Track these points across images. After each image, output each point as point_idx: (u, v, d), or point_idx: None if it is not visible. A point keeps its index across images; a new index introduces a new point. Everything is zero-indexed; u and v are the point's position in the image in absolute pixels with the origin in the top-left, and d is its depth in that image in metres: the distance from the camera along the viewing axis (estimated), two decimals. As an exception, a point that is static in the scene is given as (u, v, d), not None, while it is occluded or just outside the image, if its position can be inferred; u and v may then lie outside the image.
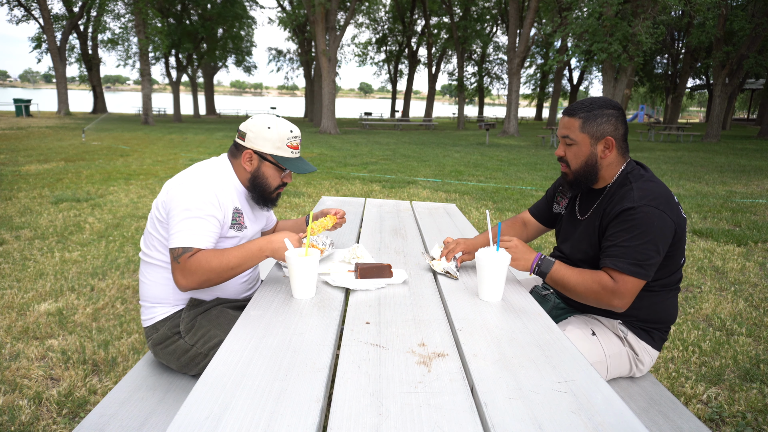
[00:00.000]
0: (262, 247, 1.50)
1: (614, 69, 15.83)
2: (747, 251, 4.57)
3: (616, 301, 1.48)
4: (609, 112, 1.55)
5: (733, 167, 10.99)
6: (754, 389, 2.32)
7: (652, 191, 1.48)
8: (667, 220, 1.44)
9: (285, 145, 1.62)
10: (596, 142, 1.56)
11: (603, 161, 1.58)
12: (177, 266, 1.45)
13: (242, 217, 1.63)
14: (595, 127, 1.55)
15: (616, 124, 1.55)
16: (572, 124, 1.58)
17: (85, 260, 3.91)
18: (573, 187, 1.67)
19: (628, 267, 1.44)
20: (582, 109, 1.57)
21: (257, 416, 0.86)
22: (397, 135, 20.79)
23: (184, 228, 1.45)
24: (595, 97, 1.59)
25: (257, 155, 1.62)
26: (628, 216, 1.46)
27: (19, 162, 8.98)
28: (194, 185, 1.50)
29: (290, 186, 7.48)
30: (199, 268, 1.44)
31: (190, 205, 1.47)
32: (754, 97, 41.01)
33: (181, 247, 1.44)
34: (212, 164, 1.63)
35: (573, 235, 1.70)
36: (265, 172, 1.64)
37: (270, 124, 1.60)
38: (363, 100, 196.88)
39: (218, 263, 1.47)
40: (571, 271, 1.55)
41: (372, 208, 2.70)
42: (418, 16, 33.18)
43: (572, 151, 1.60)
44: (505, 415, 0.89)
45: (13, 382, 2.24)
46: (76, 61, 30.18)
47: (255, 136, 1.60)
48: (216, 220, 1.51)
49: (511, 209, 6.23)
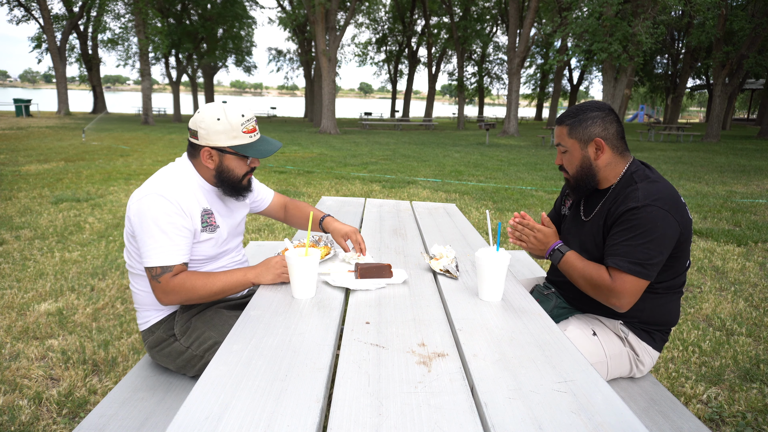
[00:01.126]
0: (249, 279, 1.51)
1: (614, 69, 15.83)
2: (747, 251, 4.57)
3: (613, 299, 1.48)
4: (594, 114, 1.56)
5: (733, 167, 10.99)
6: (754, 389, 2.32)
7: (658, 191, 1.47)
8: (671, 221, 1.43)
9: (240, 132, 1.52)
10: (585, 146, 1.58)
11: (598, 163, 1.59)
12: (158, 285, 1.43)
13: (212, 216, 1.57)
14: (582, 131, 1.57)
15: (604, 125, 1.56)
16: (562, 132, 1.62)
17: (85, 260, 3.91)
18: (576, 191, 1.68)
19: (628, 266, 1.44)
20: (568, 116, 1.60)
21: (257, 416, 0.86)
22: (397, 135, 20.78)
23: (156, 246, 1.42)
24: (584, 102, 1.62)
25: (216, 150, 1.52)
26: (632, 215, 1.46)
27: (19, 162, 8.98)
28: (156, 198, 1.44)
29: (290, 186, 7.47)
30: (182, 289, 1.44)
31: (157, 221, 1.42)
32: (754, 97, 41.01)
33: (159, 267, 1.42)
34: (173, 169, 1.56)
35: (578, 237, 1.69)
36: (229, 165, 1.55)
37: (218, 115, 1.50)
38: (363, 100, 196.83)
39: (202, 287, 1.46)
40: (580, 261, 1.58)
41: (372, 208, 2.70)
42: (418, 16, 33.18)
43: (566, 158, 1.64)
44: (505, 415, 0.89)
45: (13, 382, 2.24)
46: (76, 61, 30.18)
47: (207, 132, 1.50)
48: (186, 230, 1.47)
49: (511, 209, 6.23)
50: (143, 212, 1.43)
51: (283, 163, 10.34)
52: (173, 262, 1.43)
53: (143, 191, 1.47)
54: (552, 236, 1.68)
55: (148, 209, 1.43)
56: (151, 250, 1.42)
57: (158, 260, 1.42)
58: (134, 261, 1.57)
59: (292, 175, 8.66)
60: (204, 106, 1.56)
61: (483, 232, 4.84)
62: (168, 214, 1.44)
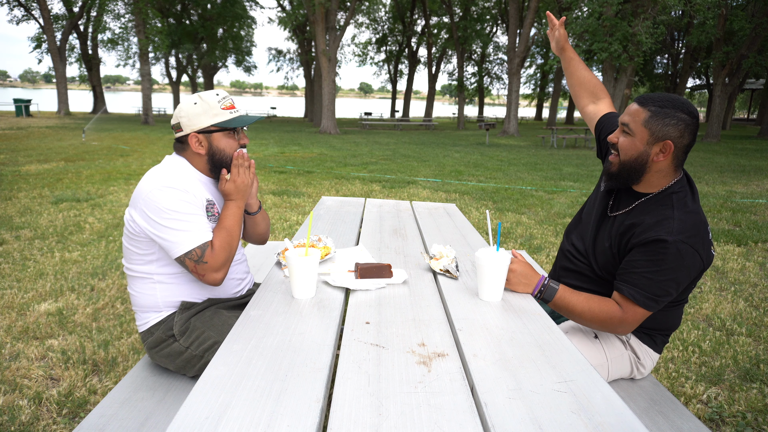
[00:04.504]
0: (238, 204, 1.58)
1: (614, 69, 15.84)
2: (747, 251, 4.57)
3: (620, 329, 1.46)
4: (681, 116, 1.38)
5: (733, 167, 10.99)
6: (754, 389, 2.32)
7: (693, 226, 1.38)
8: (697, 260, 1.37)
9: (220, 109, 1.55)
10: (654, 142, 1.41)
11: (654, 165, 1.44)
12: (206, 266, 1.45)
13: (215, 207, 1.60)
14: (660, 126, 1.39)
15: (684, 132, 1.39)
16: (638, 114, 1.43)
17: (85, 260, 3.91)
18: (613, 179, 1.53)
19: (644, 300, 1.39)
20: (654, 103, 1.41)
21: (257, 416, 0.86)
22: (397, 135, 20.78)
23: (185, 230, 1.44)
24: (676, 96, 1.43)
25: (203, 134, 1.56)
26: (661, 248, 1.36)
27: (19, 162, 8.98)
28: (166, 190, 1.45)
29: (290, 186, 7.47)
30: (224, 253, 1.48)
31: (176, 207, 1.44)
32: (754, 97, 41.01)
33: (198, 247, 1.44)
34: (167, 166, 1.57)
35: (599, 231, 1.62)
36: (219, 145, 1.58)
37: (195, 100, 1.55)
38: (363, 100, 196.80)
39: (230, 238, 1.52)
40: (577, 298, 1.49)
41: (372, 208, 2.70)
42: (418, 16, 33.19)
43: (627, 142, 1.45)
44: (505, 415, 0.89)
45: (13, 382, 2.24)
46: (76, 61, 30.21)
47: (188, 118, 1.54)
48: (202, 210, 1.52)
49: (511, 209, 6.23)
50: (160, 206, 1.44)
51: (283, 163, 10.34)
52: (207, 239, 1.47)
53: (148, 188, 1.46)
54: (531, 269, 1.52)
55: (163, 202, 1.44)
56: (182, 237, 1.44)
57: (193, 242, 1.44)
58: (133, 263, 1.56)
59: (292, 175, 8.66)
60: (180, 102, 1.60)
61: (483, 232, 4.84)
62: (183, 201, 1.46)
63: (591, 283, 1.63)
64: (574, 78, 1.95)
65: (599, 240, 1.60)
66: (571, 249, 1.73)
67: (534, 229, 5.22)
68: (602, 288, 1.58)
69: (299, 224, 5.19)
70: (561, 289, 1.51)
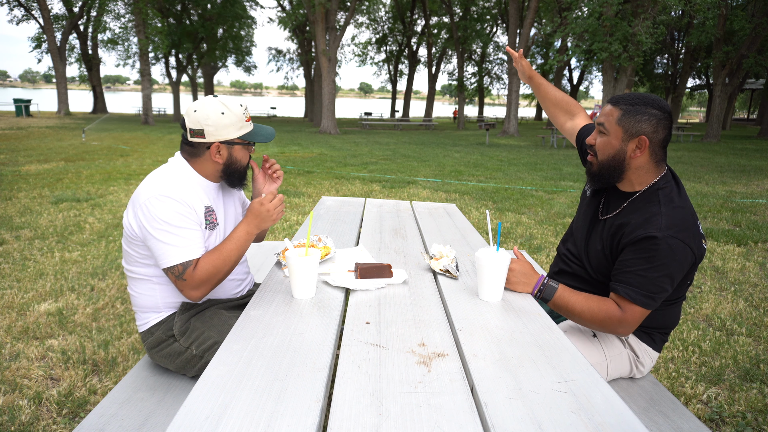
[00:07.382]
0: (252, 231, 1.54)
1: (614, 69, 15.84)
2: (747, 251, 4.57)
3: (621, 329, 1.46)
4: (652, 112, 1.43)
5: (733, 167, 10.99)
6: (754, 389, 2.32)
7: (682, 221, 1.40)
8: (689, 254, 1.38)
9: (244, 121, 1.55)
10: (629, 139, 1.44)
11: (632, 161, 1.47)
12: (185, 283, 1.44)
13: (213, 214, 1.58)
14: (633, 123, 1.43)
15: (657, 127, 1.43)
16: (612, 114, 1.47)
17: (85, 260, 3.91)
18: (594, 180, 1.56)
19: (641, 298, 1.40)
20: (626, 101, 1.46)
21: (257, 416, 0.86)
22: (397, 135, 20.78)
23: (172, 243, 1.42)
24: (647, 93, 1.48)
25: (225, 144, 1.54)
26: (651, 245, 1.38)
27: (19, 162, 8.98)
28: (163, 200, 1.43)
29: (290, 186, 7.48)
30: (207, 275, 1.45)
31: (169, 219, 1.42)
32: (754, 97, 41.02)
33: (180, 264, 1.43)
34: (170, 170, 1.55)
35: (590, 234, 1.64)
36: (237, 156, 1.58)
37: (221, 110, 1.51)
38: (363, 100, 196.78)
39: (222, 263, 1.48)
40: (577, 297, 1.50)
41: (372, 208, 2.70)
42: (418, 16, 33.19)
43: (603, 141, 1.49)
44: (505, 415, 0.89)
45: (13, 382, 2.24)
46: (76, 61, 30.20)
47: (215, 128, 1.51)
48: (196, 225, 1.49)
49: (511, 209, 6.23)
50: (153, 215, 1.42)
51: (283, 163, 10.34)
52: (192, 257, 1.44)
53: (148, 192, 1.45)
54: (531, 269, 1.54)
55: (157, 211, 1.42)
56: (168, 250, 1.42)
57: (177, 258, 1.42)
58: (133, 265, 1.56)
59: (292, 175, 8.67)
60: (197, 104, 1.53)
61: (483, 232, 4.84)
62: (178, 213, 1.44)
63: (587, 285, 1.63)
64: (547, 100, 2.02)
65: (591, 243, 1.61)
66: (566, 252, 1.75)
67: (534, 229, 5.22)
68: (598, 290, 1.59)
69: (299, 224, 5.19)
70: (560, 288, 1.52)
